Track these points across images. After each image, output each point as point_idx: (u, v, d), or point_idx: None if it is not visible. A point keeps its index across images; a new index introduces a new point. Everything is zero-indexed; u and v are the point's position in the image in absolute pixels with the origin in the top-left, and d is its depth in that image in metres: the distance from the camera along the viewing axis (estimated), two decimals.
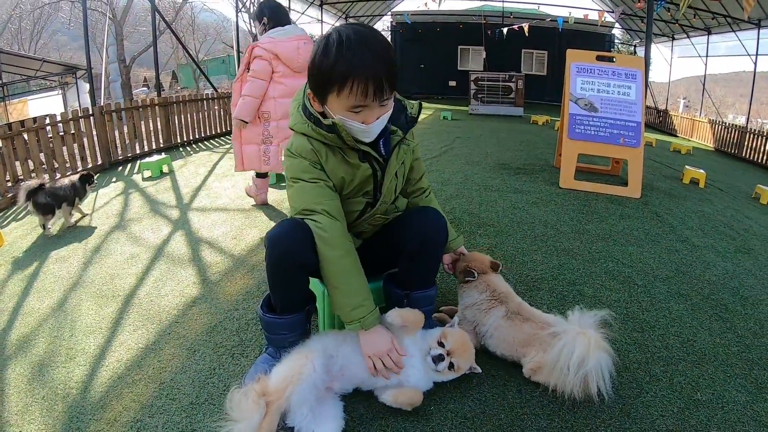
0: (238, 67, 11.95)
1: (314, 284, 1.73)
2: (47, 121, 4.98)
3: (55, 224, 3.57)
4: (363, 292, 1.55)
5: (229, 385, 1.69)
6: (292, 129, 1.63)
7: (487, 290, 1.89)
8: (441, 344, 1.58)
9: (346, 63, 1.38)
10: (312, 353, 1.49)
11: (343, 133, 1.50)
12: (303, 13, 17.50)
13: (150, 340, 2.05)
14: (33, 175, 4.72)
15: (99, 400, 1.68)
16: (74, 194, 3.71)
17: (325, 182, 1.59)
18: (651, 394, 1.73)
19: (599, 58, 5.05)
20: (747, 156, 10.40)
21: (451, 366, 1.57)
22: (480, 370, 1.69)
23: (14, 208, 4.26)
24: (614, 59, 5.16)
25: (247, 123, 3.48)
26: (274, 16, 3.48)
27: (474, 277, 1.92)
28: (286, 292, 1.60)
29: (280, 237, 1.51)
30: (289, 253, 1.50)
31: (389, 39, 22.62)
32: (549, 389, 1.64)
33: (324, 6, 18.25)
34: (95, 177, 4.02)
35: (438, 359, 1.56)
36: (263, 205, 3.93)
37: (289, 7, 15.58)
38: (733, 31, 14.68)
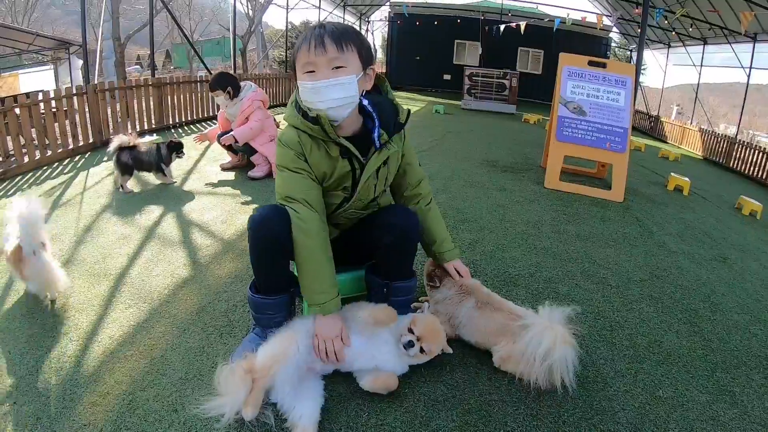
0: (233, 48, 11.76)
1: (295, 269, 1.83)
2: (40, 97, 4.96)
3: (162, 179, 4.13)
4: (328, 279, 1.65)
5: (217, 363, 1.75)
6: (285, 121, 1.74)
7: (454, 286, 2.00)
8: (411, 331, 1.67)
9: (305, 32, 1.59)
10: (297, 335, 1.58)
11: (326, 127, 1.61)
12: None
13: (141, 318, 2.11)
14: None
15: (92, 374, 1.74)
16: (159, 160, 3.99)
17: (308, 173, 1.69)
18: (615, 389, 1.83)
19: (591, 64, 5.15)
20: (735, 166, 10.52)
21: (422, 350, 1.66)
22: (451, 351, 1.80)
23: (4, 183, 4.27)
24: (605, 65, 5.25)
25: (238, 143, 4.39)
26: (233, 84, 4.42)
27: (436, 285, 2.05)
28: (268, 272, 1.72)
29: (261, 220, 1.64)
30: (270, 236, 1.62)
31: (386, 29, 22.62)
32: (516, 378, 1.75)
33: None
34: (183, 148, 4.27)
35: (408, 345, 1.65)
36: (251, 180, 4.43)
37: None
38: (729, 42, 14.85)
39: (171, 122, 7.25)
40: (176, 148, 4.13)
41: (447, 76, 20.50)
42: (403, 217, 1.78)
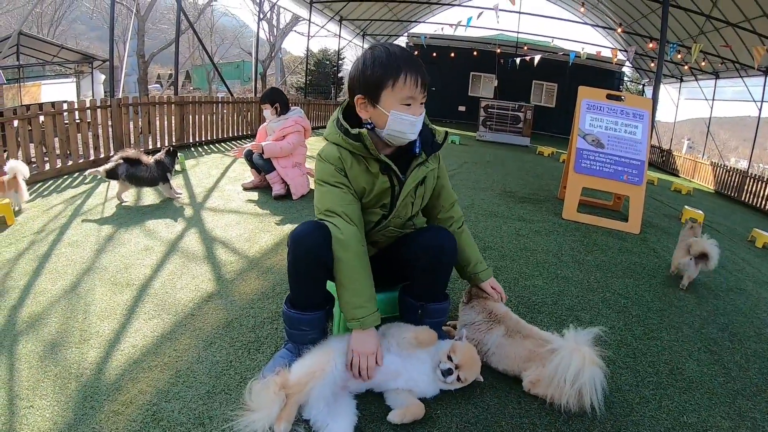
0: (254, 72, 12.10)
1: (332, 288, 1.83)
2: (65, 107, 5.07)
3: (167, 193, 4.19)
4: (367, 294, 1.66)
5: (245, 378, 1.76)
6: (326, 138, 1.78)
7: (483, 311, 2.00)
8: (450, 358, 1.67)
9: (398, 60, 1.62)
10: (334, 352, 1.58)
11: (367, 142, 1.66)
12: (323, 27, 17.79)
13: (166, 329, 2.11)
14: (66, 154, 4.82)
15: (114, 382, 1.73)
16: (164, 171, 4.07)
17: (348, 188, 1.73)
18: (641, 414, 1.83)
19: (609, 97, 5.20)
20: (746, 200, 10.49)
21: (458, 378, 1.67)
22: (482, 379, 1.80)
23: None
24: (623, 98, 5.30)
25: (262, 154, 4.44)
26: (282, 101, 4.64)
27: (466, 301, 2.07)
28: (306, 288, 1.71)
29: (303, 236, 1.64)
30: (311, 252, 1.62)
31: None
32: (546, 402, 1.74)
33: (343, 22, 18.57)
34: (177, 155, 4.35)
35: (447, 373, 1.66)
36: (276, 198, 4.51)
37: (310, 21, 15.85)
38: (741, 76, 14.97)
39: (192, 140, 7.36)
40: (175, 154, 4.21)
41: (462, 108, 20.79)
42: (441, 237, 1.80)
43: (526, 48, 18.46)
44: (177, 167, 4.31)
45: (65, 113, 5.09)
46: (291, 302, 1.75)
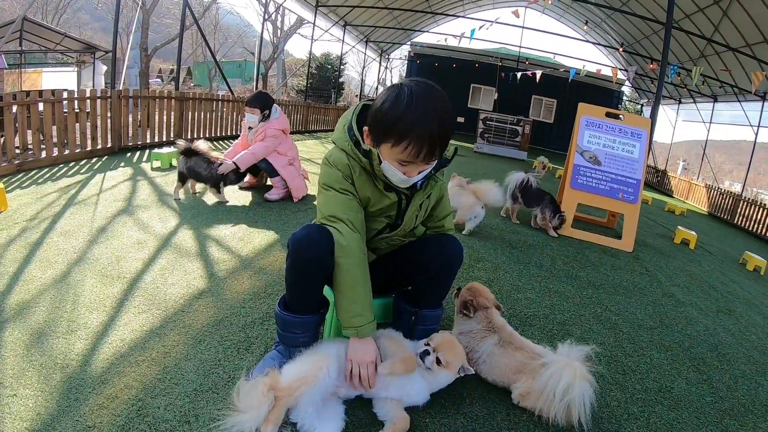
0: (256, 72, 12.08)
1: (327, 293, 1.82)
2: (65, 95, 5.04)
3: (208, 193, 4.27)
4: (365, 302, 1.65)
5: (234, 378, 1.74)
6: (334, 142, 1.75)
7: (483, 321, 2.00)
8: (427, 344, 1.70)
9: (408, 122, 1.47)
10: (328, 358, 1.57)
11: (375, 162, 1.63)
12: (326, 31, 17.83)
13: (155, 324, 2.09)
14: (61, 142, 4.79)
15: (100, 375, 1.71)
16: (220, 179, 4.06)
17: (354, 195, 1.70)
18: (629, 431, 1.83)
19: (608, 115, 5.24)
20: (739, 223, 10.59)
21: (438, 362, 1.66)
22: (473, 371, 1.79)
23: (19, 175, 4.30)
24: (622, 117, 5.34)
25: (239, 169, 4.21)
26: (270, 106, 4.42)
27: (470, 315, 2.03)
28: (304, 292, 1.69)
29: (305, 239, 1.61)
30: (312, 256, 1.59)
31: (405, 68, 23.11)
32: (535, 415, 1.74)
33: (347, 27, 18.62)
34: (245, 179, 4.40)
35: (424, 354, 1.67)
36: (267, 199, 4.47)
37: (314, 24, 15.89)
38: (739, 101, 15.14)
39: (190, 137, 7.33)
40: (239, 177, 4.24)
41: (461, 119, 20.83)
42: (451, 245, 1.81)
43: (527, 62, 18.60)
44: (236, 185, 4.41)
45: (65, 102, 5.06)
46: (285, 305, 1.73)
